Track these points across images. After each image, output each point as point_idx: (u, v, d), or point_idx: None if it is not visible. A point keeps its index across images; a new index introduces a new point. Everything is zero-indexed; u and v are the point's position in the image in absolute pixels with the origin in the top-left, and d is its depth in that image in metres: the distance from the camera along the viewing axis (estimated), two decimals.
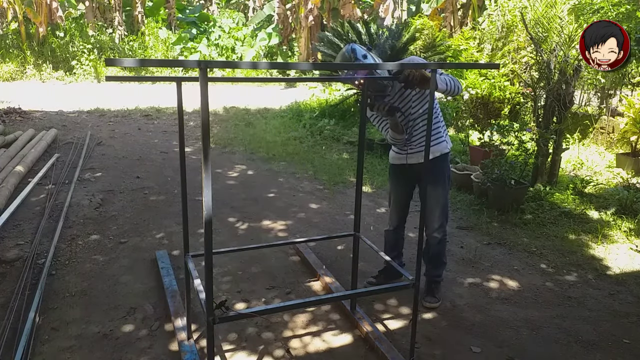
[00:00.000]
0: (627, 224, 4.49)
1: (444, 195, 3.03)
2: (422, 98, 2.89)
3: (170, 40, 17.97)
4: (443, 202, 3.02)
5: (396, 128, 2.91)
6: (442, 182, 3.01)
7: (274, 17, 19.26)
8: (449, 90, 2.73)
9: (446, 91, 2.74)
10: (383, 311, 3.10)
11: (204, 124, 1.77)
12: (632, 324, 3.02)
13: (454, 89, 2.75)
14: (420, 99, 2.90)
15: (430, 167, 2.80)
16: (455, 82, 2.75)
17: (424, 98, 2.88)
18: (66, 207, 4.59)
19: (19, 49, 16.10)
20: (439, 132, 2.97)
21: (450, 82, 2.72)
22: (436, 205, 3.00)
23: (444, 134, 3.00)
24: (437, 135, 2.96)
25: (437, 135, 2.96)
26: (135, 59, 1.66)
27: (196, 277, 2.34)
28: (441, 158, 2.98)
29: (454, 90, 2.75)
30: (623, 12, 6.28)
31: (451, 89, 2.73)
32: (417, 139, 2.97)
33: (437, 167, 2.97)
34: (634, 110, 6.53)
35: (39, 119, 9.25)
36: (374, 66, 2.54)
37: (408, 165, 3.02)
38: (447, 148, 3.01)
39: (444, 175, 3.03)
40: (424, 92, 2.86)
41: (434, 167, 2.94)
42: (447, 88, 2.72)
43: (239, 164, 6.51)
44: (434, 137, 2.93)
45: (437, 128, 2.96)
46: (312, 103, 10.82)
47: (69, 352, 2.60)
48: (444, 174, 3.02)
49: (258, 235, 4.22)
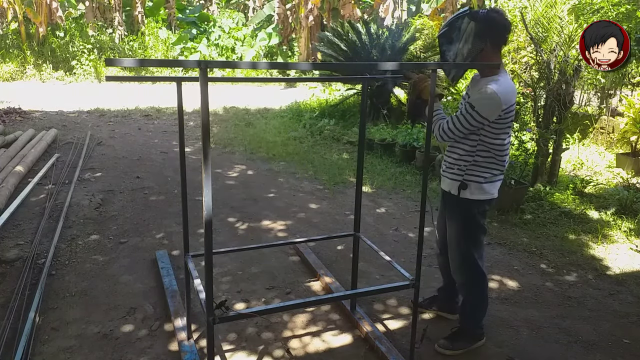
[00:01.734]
0: (627, 224, 4.49)
1: (459, 241, 2.62)
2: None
3: (170, 40, 17.96)
4: (461, 248, 2.62)
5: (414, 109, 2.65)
6: (457, 224, 2.61)
7: (274, 17, 19.25)
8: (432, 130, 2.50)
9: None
10: (383, 311, 3.10)
11: (204, 124, 1.77)
12: (632, 324, 3.02)
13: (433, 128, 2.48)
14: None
15: (447, 198, 2.64)
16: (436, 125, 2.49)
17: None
18: (66, 207, 4.59)
19: (19, 49, 16.09)
20: (468, 169, 2.50)
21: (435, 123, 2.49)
22: (453, 247, 2.66)
23: (477, 175, 2.49)
24: (463, 170, 2.51)
25: (461, 170, 2.52)
26: (135, 59, 1.66)
27: (196, 277, 2.34)
28: (460, 201, 2.54)
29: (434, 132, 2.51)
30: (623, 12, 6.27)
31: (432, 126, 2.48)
32: (446, 161, 2.63)
33: (453, 205, 2.61)
34: (634, 110, 6.53)
35: (39, 119, 9.25)
36: (373, 66, 2.56)
37: (441, 188, 2.73)
38: (472, 194, 2.51)
39: (461, 219, 2.59)
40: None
41: (450, 202, 2.62)
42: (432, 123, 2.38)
43: (238, 164, 6.51)
44: (456, 169, 2.53)
45: (468, 163, 2.50)
46: (312, 103, 10.82)
47: (69, 352, 2.60)
48: (460, 219, 2.60)
49: (258, 235, 4.22)
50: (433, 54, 8.83)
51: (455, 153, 2.55)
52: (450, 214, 2.64)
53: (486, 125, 2.38)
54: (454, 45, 2.44)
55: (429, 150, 2.32)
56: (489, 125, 2.37)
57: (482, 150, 2.45)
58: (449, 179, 2.58)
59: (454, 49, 2.45)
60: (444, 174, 2.63)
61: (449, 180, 2.58)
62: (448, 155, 2.60)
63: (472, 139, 2.45)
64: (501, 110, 2.32)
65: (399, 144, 6.73)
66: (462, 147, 2.51)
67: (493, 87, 2.31)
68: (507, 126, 2.41)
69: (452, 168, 2.57)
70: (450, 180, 2.58)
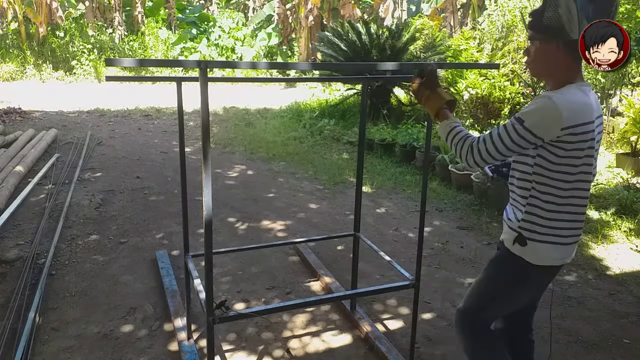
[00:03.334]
0: (627, 224, 4.49)
1: (483, 286, 1.93)
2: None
3: (170, 40, 17.96)
4: (480, 289, 1.94)
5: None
6: (490, 277, 1.92)
7: (274, 17, 19.26)
8: (451, 149, 1.94)
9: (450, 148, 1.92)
10: (383, 311, 3.10)
11: (204, 124, 1.77)
12: (632, 324, 3.02)
13: (457, 151, 1.78)
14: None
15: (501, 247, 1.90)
16: (464, 148, 1.74)
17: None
18: (66, 207, 4.59)
19: (19, 49, 16.09)
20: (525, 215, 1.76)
21: (458, 144, 1.77)
22: (475, 286, 1.97)
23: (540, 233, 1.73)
24: (531, 220, 1.74)
25: (530, 220, 1.75)
26: (135, 59, 1.66)
27: (196, 277, 2.34)
28: (508, 256, 1.82)
29: (456, 153, 1.81)
30: (623, 12, 6.28)
31: (454, 149, 1.80)
32: (510, 204, 1.88)
33: (501, 256, 1.88)
34: (634, 110, 6.53)
35: (39, 119, 9.25)
36: (373, 66, 2.45)
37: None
38: (525, 253, 1.76)
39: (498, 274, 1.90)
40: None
41: (499, 250, 1.92)
42: (448, 143, 1.84)
43: (238, 164, 6.51)
44: (526, 216, 1.76)
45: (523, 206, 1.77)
46: (312, 103, 10.82)
47: (69, 352, 2.60)
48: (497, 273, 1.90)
49: (258, 235, 4.22)
50: (433, 54, 8.83)
51: (514, 187, 1.83)
52: (490, 260, 1.95)
53: (541, 147, 1.66)
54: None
55: (429, 150, 2.33)
56: (548, 150, 1.64)
57: (541, 192, 1.71)
58: (509, 225, 1.83)
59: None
60: (506, 220, 1.87)
61: (509, 227, 1.83)
62: (515, 193, 1.83)
63: (527, 171, 1.74)
64: (561, 128, 1.58)
65: (399, 144, 6.73)
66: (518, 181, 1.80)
67: (552, 95, 1.61)
68: (575, 157, 1.63)
69: (510, 211, 1.84)
70: (510, 227, 1.82)
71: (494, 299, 1.91)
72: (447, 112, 1.87)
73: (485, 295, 1.92)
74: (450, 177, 5.63)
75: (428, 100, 1.89)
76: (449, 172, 5.65)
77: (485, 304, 1.93)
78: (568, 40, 1.60)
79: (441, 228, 4.41)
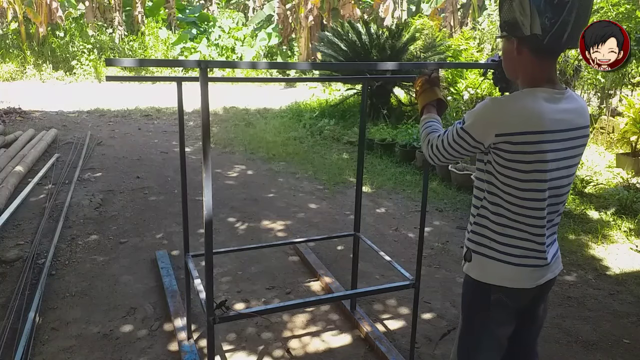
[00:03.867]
0: (627, 224, 4.49)
1: (463, 330, 1.73)
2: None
3: (170, 40, 17.96)
4: (462, 339, 1.74)
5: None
6: (464, 310, 1.73)
7: (274, 17, 19.26)
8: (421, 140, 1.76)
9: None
10: (383, 311, 3.10)
11: (204, 124, 1.77)
12: (632, 324, 3.02)
13: (422, 144, 1.70)
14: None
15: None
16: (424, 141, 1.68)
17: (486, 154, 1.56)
18: (66, 207, 4.59)
19: (19, 49, 16.09)
20: (473, 229, 1.65)
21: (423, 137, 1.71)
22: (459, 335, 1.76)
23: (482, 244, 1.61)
24: (479, 231, 1.62)
25: (478, 231, 1.63)
26: (134, 59, 1.66)
27: (196, 277, 2.34)
28: (466, 278, 1.68)
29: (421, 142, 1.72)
30: (623, 12, 6.27)
31: (421, 141, 1.72)
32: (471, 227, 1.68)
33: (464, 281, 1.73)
34: (634, 110, 6.52)
35: (39, 119, 9.25)
36: (373, 66, 2.45)
37: None
38: (470, 269, 1.64)
39: (466, 304, 1.72)
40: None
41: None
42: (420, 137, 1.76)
43: (238, 164, 6.51)
44: (474, 228, 1.65)
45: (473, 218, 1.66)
46: (312, 103, 10.82)
47: (69, 352, 2.60)
48: (465, 303, 1.72)
49: (258, 235, 4.22)
50: (433, 54, 8.83)
51: (474, 198, 1.69)
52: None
53: (489, 154, 1.53)
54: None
55: None
56: (493, 158, 1.51)
57: (491, 202, 1.58)
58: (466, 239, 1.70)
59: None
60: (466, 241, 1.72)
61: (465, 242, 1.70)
62: (475, 215, 1.68)
63: (482, 177, 1.62)
64: (495, 134, 1.45)
65: (399, 144, 6.73)
66: (477, 189, 1.67)
67: (496, 97, 1.51)
68: (518, 170, 1.47)
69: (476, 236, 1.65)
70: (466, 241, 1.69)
71: (476, 337, 1.69)
72: (431, 108, 1.80)
73: (465, 335, 1.72)
74: (450, 177, 5.64)
75: (423, 93, 1.84)
76: (449, 172, 5.65)
77: (469, 346, 1.71)
78: (527, 37, 1.45)
79: (441, 228, 4.41)
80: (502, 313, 1.63)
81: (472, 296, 1.68)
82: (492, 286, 1.59)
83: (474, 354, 1.70)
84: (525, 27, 1.44)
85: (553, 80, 1.50)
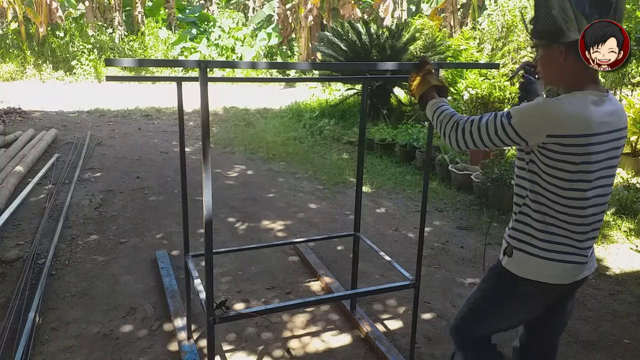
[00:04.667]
0: (627, 224, 4.49)
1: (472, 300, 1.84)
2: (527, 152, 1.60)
3: (170, 40, 17.97)
4: (470, 303, 1.85)
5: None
6: (480, 286, 1.85)
7: (274, 17, 19.27)
8: (435, 128, 1.77)
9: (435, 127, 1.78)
10: (383, 311, 3.10)
11: (204, 124, 1.77)
12: (632, 324, 3.02)
13: (441, 128, 1.69)
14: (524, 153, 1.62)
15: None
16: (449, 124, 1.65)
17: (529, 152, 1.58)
18: (66, 207, 4.59)
19: (19, 49, 16.09)
20: (514, 226, 1.70)
21: (443, 121, 1.68)
22: (466, 300, 1.89)
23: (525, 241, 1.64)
24: (521, 228, 1.66)
25: (520, 228, 1.67)
26: (134, 59, 1.66)
27: (196, 277, 2.34)
28: (497, 269, 1.77)
29: (440, 131, 1.71)
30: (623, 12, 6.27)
31: (438, 127, 1.71)
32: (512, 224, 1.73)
33: (491, 268, 1.84)
34: (634, 110, 6.53)
35: (39, 119, 9.25)
36: (373, 66, 2.43)
37: None
38: (510, 264, 1.69)
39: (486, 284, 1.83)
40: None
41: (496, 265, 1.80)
42: (433, 124, 1.76)
43: (238, 164, 6.51)
44: (515, 225, 1.69)
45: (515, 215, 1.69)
46: (312, 103, 10.82)
47: (69, 352, 2.60)
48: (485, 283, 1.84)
49: (258, 235, 4.22)
50: (433, 54, 8.83)
51: (515, 196, 1.71)
52: (485, 276, 1.86)
53: (532, 153, 1.56)
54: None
55: (430, 150, 2.33)
56: (537, 157, 1.54)
57: (533, 200, 1.60)
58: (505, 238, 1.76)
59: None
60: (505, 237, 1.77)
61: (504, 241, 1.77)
62: (518, 211, 1.69)
63: (524, 175, 1.63)
64: (546, 134, 1.47)
65: (399, 144, 6.73)
66: (515, 187, 1.70)
67: (549, 99, 1.50)
68: (564, 170, 1.50)
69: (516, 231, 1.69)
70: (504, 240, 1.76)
71: (483, 314, 1.81)
72: (433, 94, 1.79)
73: (474, 310, 1.82)
74: (450, 177, 5.64)
75: (417, 86, 1.84)
76: (449, 172, 5.65)
77: (474, 319, 1.83)
78: (569, 42, 1.48)
79: (441, 228, 4.41)
80: (525, 305, 1.72)
81: (504, 285, 1.72)
82: (528, 281, 1.64)
83: (486, 316, 1.80)
84: (571, 32, 1.47)
85: (596, 81, 1.54)
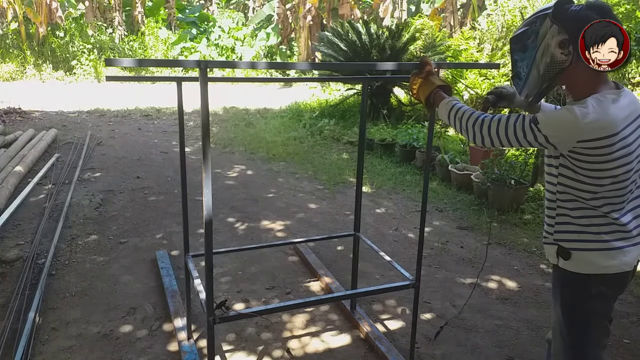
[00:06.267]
0: None
1: (563, 329, 1.74)
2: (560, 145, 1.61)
3: (170, 40, 17.96)
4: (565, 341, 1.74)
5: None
6: (560, 307, 1.75)
7: (274, 17, 19.26)
8: (453, 127, 1.80)
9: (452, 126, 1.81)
10: (383, 311, 3.10)
11: (204, 124, 1.77)
12: (632, 324, 3.02)
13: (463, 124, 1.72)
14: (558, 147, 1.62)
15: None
16: (471, 119, 1.70)
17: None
18: (66, 207, 4.59)
19: (19, 49, 16.09)
20: (557, 225, 1.71)
21: (464, 116, 1.72)
22: (555, 336, 1.81)
23: (579, 241, 1.66)
24: (552, 226, 1.73)
25: (550, 227, 1.74)
26: (134, 59, 1.67)
27: (196, 277, 2.34)
28: (562, 274, 1.72)
29: (459, 128, 1.75)
30: (623, 12, 6.28)
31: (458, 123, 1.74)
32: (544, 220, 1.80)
33: (555, 279, 1.79)
34: None
35: (39, 119, 9.25)
36: (373, 66, 2.43)
37: None
38: (573, 265, 1.68)
39: (562, 299, 1.74)
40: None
41: (554, 275, 1.80)
42: (450, 122, 1.78)
43: (238, 164, 6.51)
44: (558, 227, 1.71)
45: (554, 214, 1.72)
46: (312, 103, 10.82)
47: (69, 352, 2.60)
48: (561, 299, 1.75)
49: (258, 235, 4.22)
50: (433, 54, 8.83)
51: (545, 200, 1.77)
52: (553, 291, 1.80)
53: (562, 157, 1.63)
54: (527, 54, 1.68)
55: (430, 150, 2.33)
56: (569, 161, 1.61)
57: (567, 199, 1.67)
58: (550, 239, 1.75)
59: (527, 61, 1.68)
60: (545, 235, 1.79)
61: (550, 241, 1.75)
62: (550, 207, 1.75)
63: (553, 173, 1.70)
64: (577, 140, 1.53)
65: (399, 144, 6.73)
66: (547, 193, 1.74)
67: (574, 108, 1.54)
68: (599, 169, 1.57)
69: (557, 224, 1.72)
70: (551, 241, 1.74)
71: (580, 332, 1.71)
72: (442, 94, 1.82)
73: (569, 332, 1.72)
74: (450, 177, 5.64)
75: (420, 88, 1.87)
76: (449, 172, 5.65)
77: (575, 343, 1.71)
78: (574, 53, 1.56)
79: (441, 228, 4.41)
80: (603, 304, 1.71)
81: (572, 290, 1.72)
82: (592, 278, 1.66)
83: (582, 345, 1.72)
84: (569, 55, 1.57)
85: (607, 79, 1.62)
